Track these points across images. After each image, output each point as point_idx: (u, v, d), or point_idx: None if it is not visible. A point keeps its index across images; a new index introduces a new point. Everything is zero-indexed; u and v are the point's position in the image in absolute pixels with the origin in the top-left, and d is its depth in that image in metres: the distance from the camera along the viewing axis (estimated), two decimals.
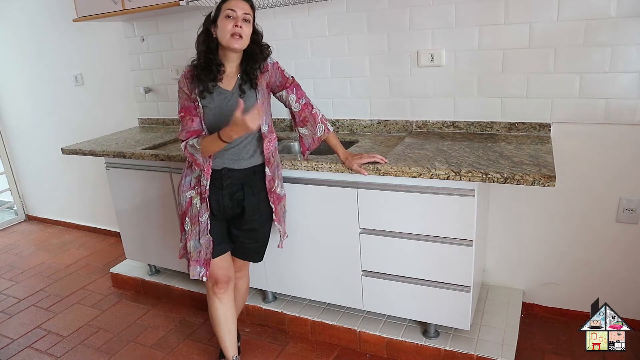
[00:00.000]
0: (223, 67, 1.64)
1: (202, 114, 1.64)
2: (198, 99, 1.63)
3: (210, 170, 1.68)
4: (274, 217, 1.83)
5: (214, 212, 1.74)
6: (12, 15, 3.32)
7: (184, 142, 1.66)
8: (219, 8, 1.60)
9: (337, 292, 2.04)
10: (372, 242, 1.87)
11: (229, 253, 1.84)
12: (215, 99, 1.65)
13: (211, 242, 1.74)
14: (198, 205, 1.71)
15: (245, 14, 1.59)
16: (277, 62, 1.76)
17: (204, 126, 1.65)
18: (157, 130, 2.84)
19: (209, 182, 1.69)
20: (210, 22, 1.62)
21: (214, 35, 1.61)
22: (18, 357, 2.23)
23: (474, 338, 1.89)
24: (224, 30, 1.57)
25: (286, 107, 1.83)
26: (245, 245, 1.85)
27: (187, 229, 1.75)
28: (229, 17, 1.57)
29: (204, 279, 1.75)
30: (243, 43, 1.60)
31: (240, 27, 1.57)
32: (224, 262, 1.80)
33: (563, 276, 2.10)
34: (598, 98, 1.81)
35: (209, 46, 1.62)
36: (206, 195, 1.70)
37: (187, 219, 1.75)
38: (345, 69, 2.26)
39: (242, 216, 1.77)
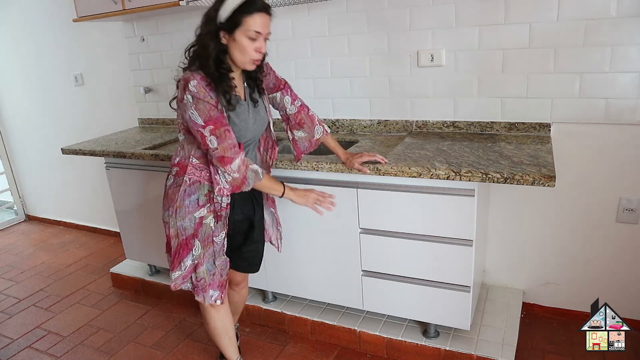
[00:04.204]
0: (232, 74, 1.50)
1: None
2: (224, 112, 1.46)
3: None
4: (277, 221, 1.83)
5: (230, 228, 1.64)
6: (12, 15, 3.32)
7: (240, 159, 1.46)
8: (239, 18, 1.38)
9: (337, 292, 2.04)
10: (372, 242, 1.87)
11: None
12: (240, 114, 1.52)
13: (227, 263, 1.65)
14: (212, 225, 1.57)
15: (269, 33, 1.44)
16: (268, 63, 1.67)
17: None
18: (157, 130, 2.84)
19: (229, 199, 1.57)
20: (224, 27, 1.40)
21: (224, 42, 1.43)
22: (18, 357, 2.23)
23: (474, 338, 1.89)
24: (243, 52, 1.42)
25: (278, 109, 1.76)
26: (250, 258, 1.80)
27: (196, 253, 1.58)
28: (252, 39, 1.40)
29: (218, 302, 1.65)
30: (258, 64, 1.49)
31: (263, 52, 1.45)
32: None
33: (563, 276, 2.10)
34: (598, 98, 1.81)
35: (219, 53, 1.44)
36: (224, 212, 1.57)
37: (196, 240, 1.57)
38: (345, 69, 2.26)
39: (251, 230, 1.73)
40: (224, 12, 1.39)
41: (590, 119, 1.85)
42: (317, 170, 1.82)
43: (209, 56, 1.42)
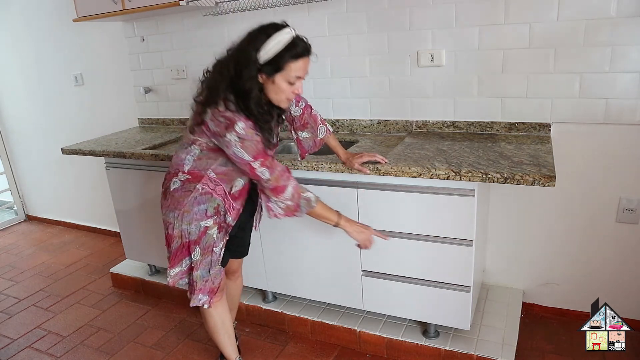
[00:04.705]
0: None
1: None
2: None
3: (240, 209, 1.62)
4: (260, 205, 1.85)
5: (233, 231, 1.67)
6: (12, 15, 3.32)
7: (292, 187, 1.50)
8: (282, 63, 1.37)
9: (337, 292, 2.04)
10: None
11: None
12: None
13: (222, 272, 1.67)
14: (215, 236, 1.59)
15: (307, 73, 1.45)
16: None
17: None
18: (157, 130, 2.83)
19: (235, 221, 1.62)
20: (264, 69, 1.39)
21: (260, 81, 1.42)
22: (18, 357, 2.23)
23: (474, 338, 1.89)
24: (279, 94, 1.44)
25: None
26: (246, 242, 1.88)
27: (195, 258, 1.60)
28: (292, 83, 1.42)
29: (206, 306, 1.67)
30: None
31: (300, 93, 1.47)
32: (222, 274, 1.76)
33: (563, 276, 2.10)
34: (598, 98, 1.81)
35: (260, 96, 1.43)
36: (229, 228, 1.62)
37: (197, 247, 1.58)
38: (345, 69, 2.26)
39: (251, 217, 1.80)
40: (265, 55, 1.37)
41: (590, 119, 1.85)
42: (317, 170, 1.82)
43: (251, 100, 1.41)
